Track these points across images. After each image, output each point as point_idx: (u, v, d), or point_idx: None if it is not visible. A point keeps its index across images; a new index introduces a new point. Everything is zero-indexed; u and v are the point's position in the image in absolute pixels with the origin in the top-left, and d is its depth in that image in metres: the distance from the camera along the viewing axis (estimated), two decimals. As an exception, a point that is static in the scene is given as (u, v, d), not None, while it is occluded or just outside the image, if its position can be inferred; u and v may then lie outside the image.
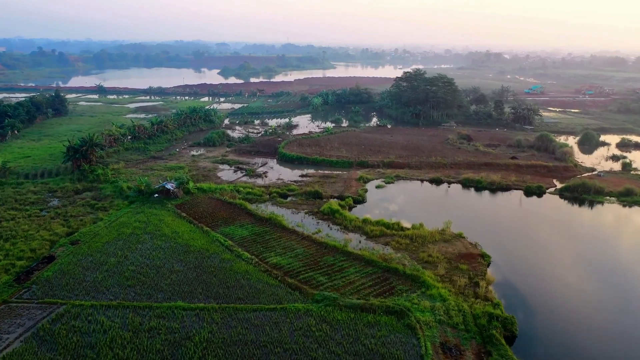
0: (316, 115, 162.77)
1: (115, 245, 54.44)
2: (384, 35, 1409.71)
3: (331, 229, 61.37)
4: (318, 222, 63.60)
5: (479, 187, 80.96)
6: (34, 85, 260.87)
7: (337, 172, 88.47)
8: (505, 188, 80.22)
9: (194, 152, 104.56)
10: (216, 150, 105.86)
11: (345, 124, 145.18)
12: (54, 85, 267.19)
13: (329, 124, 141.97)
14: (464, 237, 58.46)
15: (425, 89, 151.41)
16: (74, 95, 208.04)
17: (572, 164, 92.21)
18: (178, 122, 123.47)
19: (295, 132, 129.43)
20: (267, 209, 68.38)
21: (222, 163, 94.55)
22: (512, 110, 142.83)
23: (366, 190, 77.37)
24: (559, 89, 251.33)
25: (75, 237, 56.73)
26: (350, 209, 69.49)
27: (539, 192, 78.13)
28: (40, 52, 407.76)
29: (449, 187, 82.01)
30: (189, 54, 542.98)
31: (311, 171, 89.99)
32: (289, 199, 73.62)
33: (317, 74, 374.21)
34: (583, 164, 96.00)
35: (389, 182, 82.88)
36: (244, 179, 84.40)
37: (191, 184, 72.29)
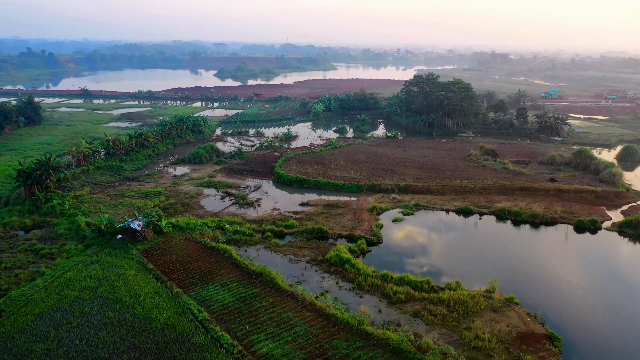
0: (318, 124, 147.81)
1: (50, 320, 40.30)
2: (385, 35, 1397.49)
3: (341, 289, 47.11)
4: (323, 278, 49.28)
5: (517, 219, 66.47)
6: (23, 88, 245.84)
7: (345, 199, 74.07)
8: (551, 222, 65.64)
9: (177, 171, 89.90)
10: (203, 168, 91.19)
11: (350, 133, 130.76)
12: (44, 88, 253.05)
13: (333, 134, 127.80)
14: (517, 304, 44.14)
15: (438, 95, 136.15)
16: (56, 100, 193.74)
17: (623, 189, 77.49)
18: (161, 134, 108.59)
19: (294, 143, 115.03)
20: (259, 255, 54.13)
21: (208, 186, 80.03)
22: (537, 120, 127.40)
23: (381, 226, 62.88)
24: (577, 93, 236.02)
25: (0, 305, 42.42)
26: (363, 254, 55.26)
27: (593, 228, 63.68)
28: (29, 52, 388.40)
29: (480, 219, 67.60)
30: (185, 54, 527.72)
31: (313, 197, 75.55)
32: (287, 239, 59.18)
33: (318, 75, 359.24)
34: (633, 187, 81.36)
35: (407, 214, 68.33)
36: (232, 208, 69.93)
37: (164, 222, 57.80)
